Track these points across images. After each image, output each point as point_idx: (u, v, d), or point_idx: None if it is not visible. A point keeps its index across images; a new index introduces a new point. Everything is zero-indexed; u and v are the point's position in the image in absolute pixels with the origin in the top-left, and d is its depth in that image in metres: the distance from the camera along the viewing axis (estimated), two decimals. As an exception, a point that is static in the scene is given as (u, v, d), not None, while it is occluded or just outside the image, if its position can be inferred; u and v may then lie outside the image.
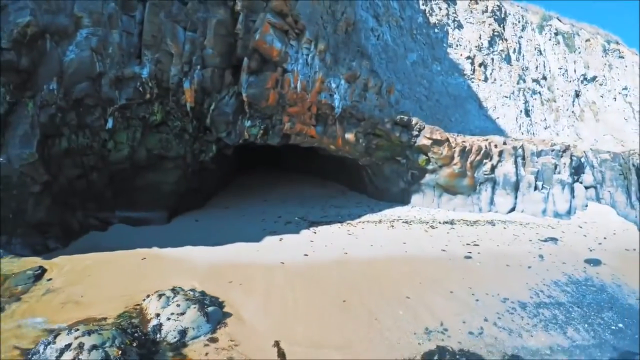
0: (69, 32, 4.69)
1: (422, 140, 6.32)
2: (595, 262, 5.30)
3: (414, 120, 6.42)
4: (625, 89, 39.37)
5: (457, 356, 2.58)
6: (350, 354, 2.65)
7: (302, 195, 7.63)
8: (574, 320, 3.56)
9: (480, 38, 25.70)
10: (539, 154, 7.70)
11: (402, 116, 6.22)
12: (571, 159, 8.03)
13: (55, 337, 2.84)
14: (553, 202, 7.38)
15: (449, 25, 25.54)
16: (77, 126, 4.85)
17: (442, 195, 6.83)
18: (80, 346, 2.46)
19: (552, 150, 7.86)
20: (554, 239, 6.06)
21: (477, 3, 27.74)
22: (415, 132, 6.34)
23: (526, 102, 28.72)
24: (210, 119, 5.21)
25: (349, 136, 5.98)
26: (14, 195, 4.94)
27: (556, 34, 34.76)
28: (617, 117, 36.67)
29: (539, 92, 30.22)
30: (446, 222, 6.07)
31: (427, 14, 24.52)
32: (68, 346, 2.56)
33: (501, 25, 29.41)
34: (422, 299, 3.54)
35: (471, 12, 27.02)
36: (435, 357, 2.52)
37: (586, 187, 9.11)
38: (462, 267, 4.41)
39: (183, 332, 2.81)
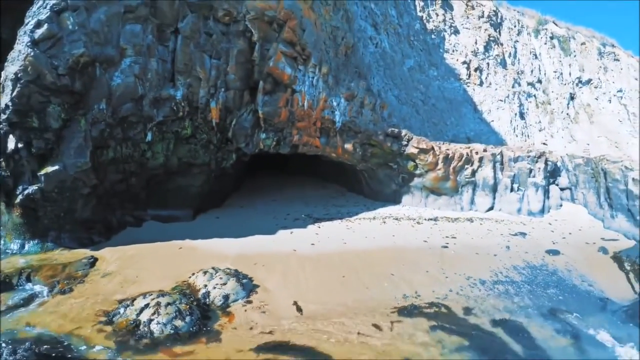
0: (115, 60, 5.74)
1: (410, 149, 7.41)
2: (555, 252, 6.40)
3: (403, 132, 7.51)
4: (620, 91, 41.00)
5: (424, 309, 3.67)
6: (346, 308, 3.74)
7: (306, 195, 8.71)
8: (522, 293, 4.65)
9: (476, 43, 27.04)
10: (515, 159, 8.82)
11: (392, 129, 7.32)
12: (546, 164, 9.15)
13: (132, 301, 3.88)
14: (527, 202, 8.49)
15: (446, 31, 26.87)
16: (121, 139, 5.89)
17: (428, 195, 7.92)
18: (158, 304, 3.50)
19: (528, 157, 8.98)
20: (522, 234, 7.17)
21: (473, 9, 29.04)
22: (404, 142, 7.43)
23: (521, 105, 30.00)
24: (231, 132, 6.27)
25: (348, 146, 7.07)
26: (66, 197, 6.00)
27: (552, 37, 36.11)
28: (611, 119, 38.11)
29: (534, 95, 31.63)
30: (430, 219, 7.17)
31: (425, 21, 25.81)
32: (147, 305, 3.59)
33: (497, 30, 30.77)
34: (403, 276, 4.61)
35: (467, 17, 28.30)
36: (407, 310, 3.62)
37: (562, 189, 10.24)
38: (438, 254, 5.50)
39: (226, 297, 3.86)
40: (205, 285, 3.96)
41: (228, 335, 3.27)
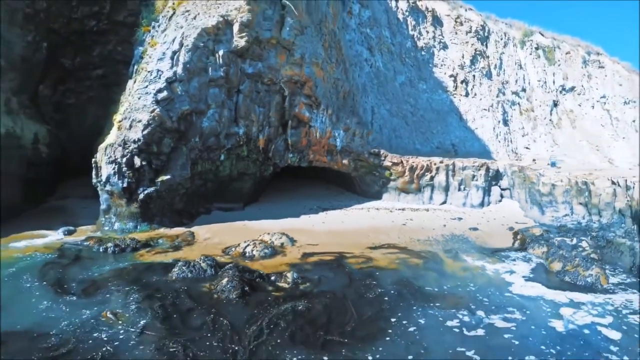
0: (204, 111, 9.80)
1: (386, 162, 11.50)
2: (474, 229, 10.49)
3: (381, 151, 11.63)
4: (604, 97, 46.38)
5: (383, 247, 7.79)
6: (342, 245, 7.85)
7: (316, 194, 12.81)
8: (440, 245, 8.74)
9: (463, 57, 32.01)
10: (463, 168, 12.95)
11: (374, 149, 11.42)
12: (487, 171, 13.29)
13: (237, 246, 7.88)
14: (470, 198, 12.60)
15: (435, 47, 31.70)
16: (206, 159, 9.91)
17: (400, 194, 12.00)
18: (254, 244, 7.51)
19: (473, 166, 13.11)
20: (460, 218, 11.26)
21: (461, 24, 33.98)
22: (382, 158, 11.52)
23: (505, 112, 34.72)
24: (271, 153, 10.33)
25: (345, 161, 11.15)
26: (170, 195, 10.04)
27: (537, 48, 40.90)
28: (593, 124, 43.00)
29: (518, 103, 36.62)
30: (400, 209, 11.26)
31: (416, 39, 30.50)
32: (247, 245, 7.59)
33: (484, 44, 35.71)
34: (375, 237, 8.68)
35: (456, 33, 33.01)
36: (375, 247, 7.74)
37: (503, 189, 14.41)
38: (399, 228, 9.59)
39: (282, 244, 7.86)
40: (271, 239, 8.01)
41: (287, 255, 7.32)
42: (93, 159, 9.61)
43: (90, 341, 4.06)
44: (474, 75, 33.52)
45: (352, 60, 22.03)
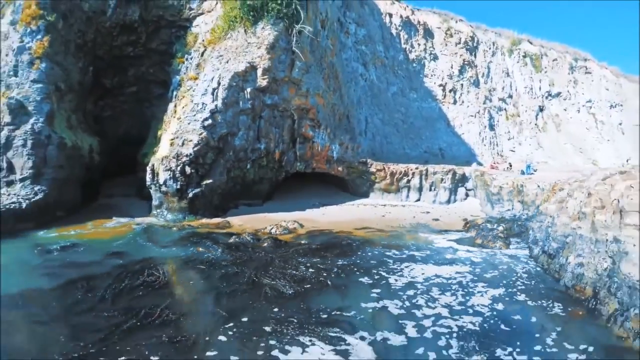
0: (236, 133, 13.73)
1: (372, 169, 15.44)
2: (436, 219, 14.46)
3: (368, 160, 15.58)
4: (590, 101, 51.25)
5: (368, 229, 11.69)
6: (337, 226, 11.82)
7: (317, 193, 16.78)
8: (407, 229, 12.68)
9: (452, 67, 36.55)
10: (434, 173, 16.90)
11: (362, 159, 15.38)
12: (454, 175, 17.24)
13: (263, 228, 11.77)
14: (439, 197, 16.54)
15: (426, 58, 36.15)
16: (237, 167, 13.82)
17: (383, 193, 15.93)
18: (276, 227, 11.41)
19: (442, 171, 17.07)
20: (428, 212, 15.19)
21: (451, 36, 38.45)
22: (368, 166, 15.45)
23: (491, 118, 39.12)
24: (284, 162, 14.28)
25: (340, 168, 15.09)
26: (211, 194, 14.01)
27: (524, 56, 45.29)
28: (578, 128, 47.57)
29: (505, 109, 41.23)
30: (382, 205, 15.20)
31: (408, 51, 34.88)
32: (271, 228, 11.47)
33: (473, 54, 40.21)
34: (361, 223, 12.47)
35: (446, 45, 37.36)
36: (361, 228, 11.65)
37: (468, 189, 18.40)
38: (379, 218, 13.52)
39: (295, 228, 11.84)
40: (286, 224, 11.94)
41: (298, 232, 11.25)
42: (149, 167, 13.60)
43: (196, 260, 7.98)
44: (462, 84, 38.08)
45: (349, 76, 26.22)
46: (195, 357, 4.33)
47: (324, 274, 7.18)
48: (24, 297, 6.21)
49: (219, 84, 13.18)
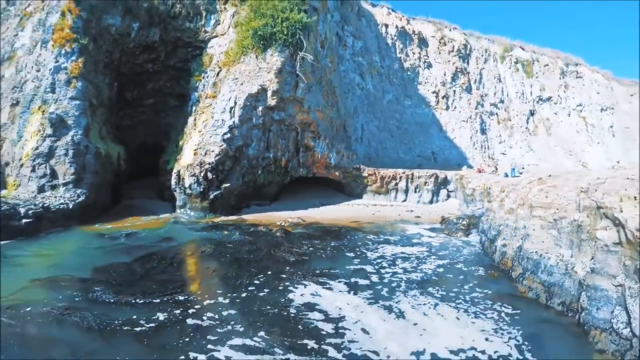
0: (250, 144, 16.97)
1: (364, 174, 18.66)
2: (418, 216, 17.71)
3: (361, 167, 18.82)
4: (580, 105, 55.06)
5: (361, 222, 14.90)
6: (332, 220, 15.04)
7: (317, 194, 20.05)
8: (390, 222, 15.96)
9: (445, 75, 40.19)
10: (419, 177, 20.13)
11: (356, 165, 18.62)
12: (436, 179, 20.47)
13: (273, 223, 15.00)
14: (423, 197, 19.77)
15: (420, 66, 39.69)
16: (250, 173, 17.03)
17: (374, 195, 19.15)
18: (284, 221, 14.62)
19: (426, 175, 20.30)
20: (411, 211, 18.43)
21: (445, 44, 42.08)
22: (361, 171, 18.67)
23: (482, 122, 42.57)
24: (289, 169, 17.50)
25: (337, 173, 18.32)
26: (229, 196, 17.27)
27: (516, 62, 48.84)
28: (569, 131, 51.16)
29: (496, 114, 44.77)
30: (373, 205, 18.44)
31: (402, 60, 38.32)
32: (280, 223, 14.67)
33: (465, 61, 43.80)
34: (354, 219, 15.86)
35: (439, 53, 40.85)
36: (355, 221, 14.86)
37: (450, 191, 21.66)
38: (370, 215, 16.77)
39: (298, 222, 15.04)
40: (292, 220, 15.14)
41: (302, 225, 14.56)
42: (174, 172, 16.83)
43: (227, 241, 11.18)
44: (454, 91, 41.59)
45: (346, 87, 29.60)
46: (243, 290, 7.53)
47: (320, 250, 10.42)
48: (113, 267, 9.39)
49: (235, 103, 16.45)
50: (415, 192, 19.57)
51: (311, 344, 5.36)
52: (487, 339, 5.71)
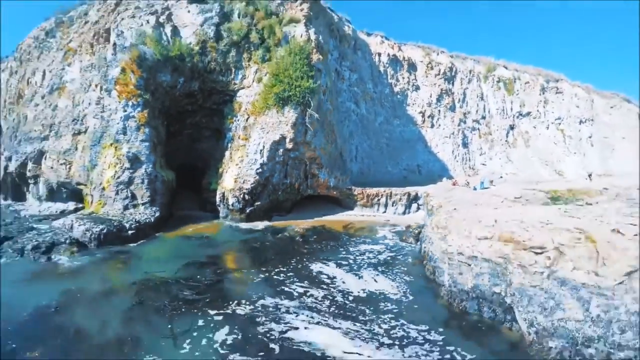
0: (274, 175, 25.93)
1: (355, 192, 27.46)
2: (393, 225, 26.68)
3: (353, 187, 27.72)
4: (559, 118, 65.45)
5: (353, 224, 23.84)
6: (330, 225, 24.07)
7: (321, 208, 29.04)
8: (370, 227, 24.98)
9: (431, 96, 50.12)
10: (396, 194, 29.01)
11: (348, 187, 27.50)
12: (408, 195, 29.36)
13: (289, 227, 23.94)
14: (397, 210, 28.66)
15: (409, 89, 49.48)
16: (273, 194, 25.92)
17: (362, 208, 27.94)
18: (297, 226, 23.54)
19: (401, 193, 29.18)
20: (388, 220, 27.32)
21: (432, 68, 51.84)
22: (353, 190, 27.50)
23: (465, 137, 52.13)
24: (301, 190, 26.41)
25: (335, 192, 27.17)
26: (260, 210, 26.33)
27: (498, 81, 58.46)
28: (546, 143, 61.02)
29: (478, 129, 54.80)
30: (361, 215, 27.28)
31: (393, 85, 47.83)
32: (295, 228, 23.59)
33: (450, 82, 53.68)
34: (346, 224, 24.84)
35: (427, 76, 50.35)
36: (349, 225, 23.81)
37: (419, 205, 30.64)
38: (357, 223, 25.67)
39: (307, 228, 24.02)
40: (302, 225, 24.09)
41: (309, 229, 23.57)
42: (219, 193, 25.94)
43: (263, 239, 20.14)
44: (439, 110, 50.97)
45: (343, 115, 38.73)
46: (285, 265, 16.51)
47: (322, 246, 19.35)
48: (214, 254, 18.35)
49: (263, 147, 25.40)
50: (393, 205, 28.53)
51: (323, 285, 14.24)
52: (391, 286, 14.56)
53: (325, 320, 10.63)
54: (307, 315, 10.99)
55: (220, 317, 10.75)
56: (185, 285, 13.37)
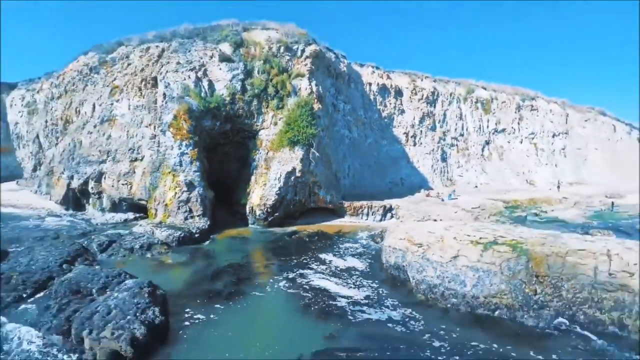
0: (288, 194, 38.18)
1: (345, 205, 39.30)
2: (370, 231, 38.75)
3: (343, 202, 39.75)
4: (533, 133, 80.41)
5: (346, 229, 35.98)
6: (327, 230, 36.33)
7: (319, 216, 41.26)
8: (354, 232, 37.15)
9: (414, 118, 64.17)
10: (375, 206, 40.96)
11: (340, 202, 39.51)
12: (384, 207, 41.28)
13: (302, 231, 36.09)
14: (376, 218, 40.60)
15: (395, 114, 63.39)
16: (287, 208, 38.05)
17: (351, 216, 39.82)
18: (304, 230, 35.65)
19: (379, 206, 41.10)
20: (368, 225, 39.30)
21: (416, 94, 65.89)
22: (344, 204, 39.44)
23: (444, 152, 65.66)
24: (306, 203, 38.54)
25: (330, 205, 39.05)
26: (279, 219, 38.75)
27: (476, 101, 71.84)
28: (519, 155, 74.99)
29: (456, 145, 69.16)
30: (350, 222, 39.17)
31: (381, 111, 61.49)
32: (303, 231, 35.71)
33: (432, 105, 67.64)
34: (338, 229, 36.94)
35: (411, 101, 63.61)
36: (345, 229, 35.97)
37: (393, 214, 42.71)
38: (344, 228, 37.76)
39: (310, 231, 36.25)
40: (307, 229, 36.29)
41: (312, 232, 35.81)
42: (248, 207, 38.48)
43: (283, 239, 32.37)
44: (421, 130, 63.68)
45: (338, 142, 51.19)
46: (300, 256, 28.64)
47: (322, 244, 31.37)
48: (256, 250, 30.63)
49: (280, 175, 37.68)
50: (372, 215, 40.55)
51: (324, 264, 26.34)
52: (360, 263, 26.52)
53: (326, 278, 22.89)
54: (317, 276, 23.26)
55: (280, 277, 23.02)
56: (252, 265, 25.74)
